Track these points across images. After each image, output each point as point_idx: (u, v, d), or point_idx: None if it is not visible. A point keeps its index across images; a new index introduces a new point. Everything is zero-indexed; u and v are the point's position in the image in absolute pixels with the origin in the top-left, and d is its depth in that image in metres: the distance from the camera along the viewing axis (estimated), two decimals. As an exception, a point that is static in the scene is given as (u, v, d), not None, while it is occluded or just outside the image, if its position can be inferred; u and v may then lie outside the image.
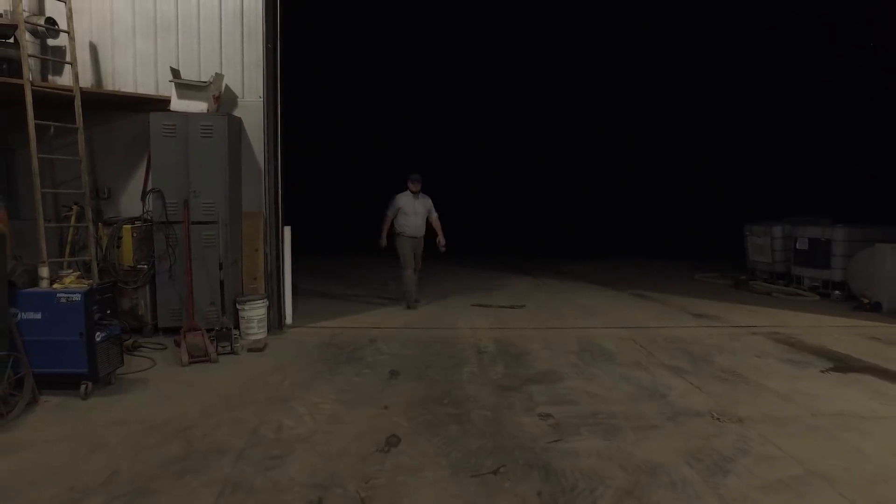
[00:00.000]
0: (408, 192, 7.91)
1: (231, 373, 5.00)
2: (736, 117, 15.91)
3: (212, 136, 5.79)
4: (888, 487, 3.07)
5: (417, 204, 7.88)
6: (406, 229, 7.83)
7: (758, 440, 3.65)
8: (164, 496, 2.93)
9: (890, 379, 4.93)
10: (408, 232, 7.82)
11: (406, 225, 7.82)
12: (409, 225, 7.82)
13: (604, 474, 3.19)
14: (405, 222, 7.82)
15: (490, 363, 5.36)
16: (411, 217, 7.82)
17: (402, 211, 7.81)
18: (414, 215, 7.82)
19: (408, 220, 7.81)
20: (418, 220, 7.88)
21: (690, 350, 5.84)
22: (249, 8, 6.21)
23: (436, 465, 3.29)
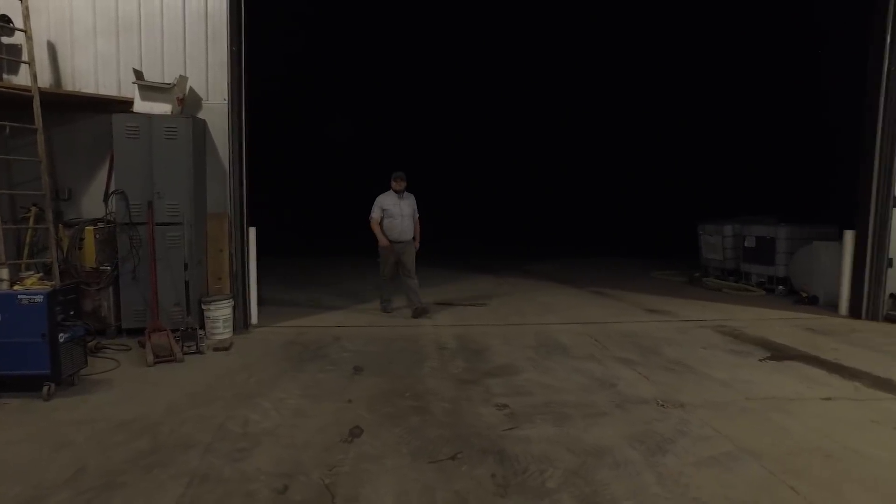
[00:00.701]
0: (391, 192, 7.29)
1: (197, 372, 5.07)
2: (693, 124, 16.52)
3: (176, 137, 5.83)
4: (804, 458, 3.39)
5: (403, 204, 7.27)
6: (392, 233, 7.22)
7: (696, 423, 3.95)
8: (132, 489, 3.04)
9: (818, 365, 5.33)
10: (394, 236, 7.22)
11: (392, 228, 7.21)
12: (395, 228, 7.21)
13: (553, 458, 3.42)
14: (390, 225, 7.20)
15: (451, 358, 5.56)
16: (397, 220, 7.20)
17: (388, 213, 7.19)
18: (400, 217, 7.21)
19: (393, 223, 7.20)
20: (405, 222, 7.27)
21: (641, 343, 6.16)
22: (214, 9, 6.27)
23: (396, 454, 3.47)
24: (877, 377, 4.98)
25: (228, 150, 6.29)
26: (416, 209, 7.46)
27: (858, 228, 7.49)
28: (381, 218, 7.23)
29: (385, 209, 7.21)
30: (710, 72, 15.03)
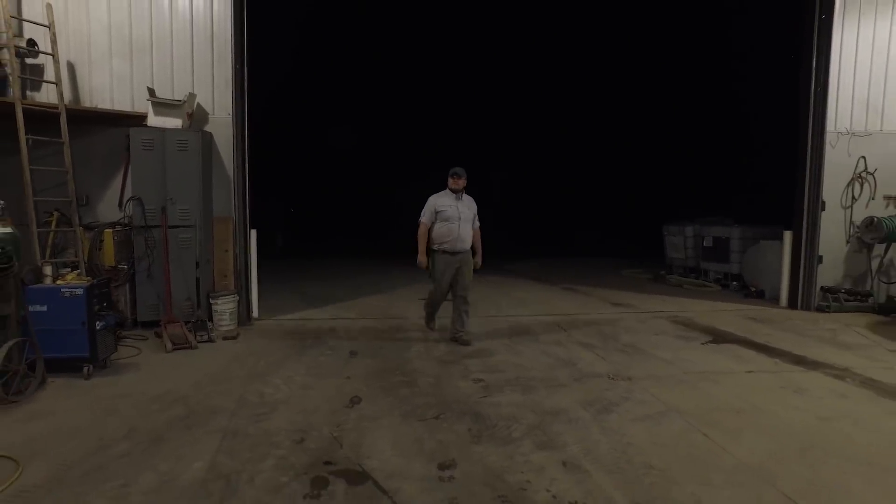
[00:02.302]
0: (447, 192, 6.16)
1: (211, 357, 5.77)
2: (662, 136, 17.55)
3: (187, 149, 6.52)
4: (719, 414, 4.22)
5: (462, 207, 6.10)
6: (446, 242, 6.03)
7: (639, 391, 4.76)
8: (177, 442, 3.75)
9: (750, 347, 6.21)
10: (448, 245, 6.03)
11: (447, 235, 6.02)
12: (451, 235, 6.01)
13: (519, 417, 4.20)
14: (446, 232, 6.02)
15: (434, 344, 6.33)
16: (455, 224, 6.01)
17: (442, 216, 6.03)
18: (458, 221, 6.02)
19: (450, 229, 6.02)
20: (464, 228, 6.07)
21: (603, 331, 6.99)
22: (219, 32, 6.96)
23: (390, 415, 4.23)
24: (794, 355, 5.88)
25: (232, 159, 6.99)
26: (477, 215, 6.34)
27: (794, 229, 8.43)
28: (432, 223, 6.09)
29: (440, 211, 6.04)
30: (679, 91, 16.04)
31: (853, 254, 8.31)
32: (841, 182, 8.23)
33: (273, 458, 3.51)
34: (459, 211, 6.07)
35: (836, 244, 8.31)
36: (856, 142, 8.13)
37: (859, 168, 8.17)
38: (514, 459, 3.52)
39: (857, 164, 8.16)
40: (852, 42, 7.94)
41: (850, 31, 7.91)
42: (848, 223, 8.27)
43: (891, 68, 8.02)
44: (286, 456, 3.53)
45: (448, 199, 6.13)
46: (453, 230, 6.03)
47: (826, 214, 8.22)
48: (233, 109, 6.92)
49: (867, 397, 4.66)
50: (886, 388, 4.84)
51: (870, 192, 8.22)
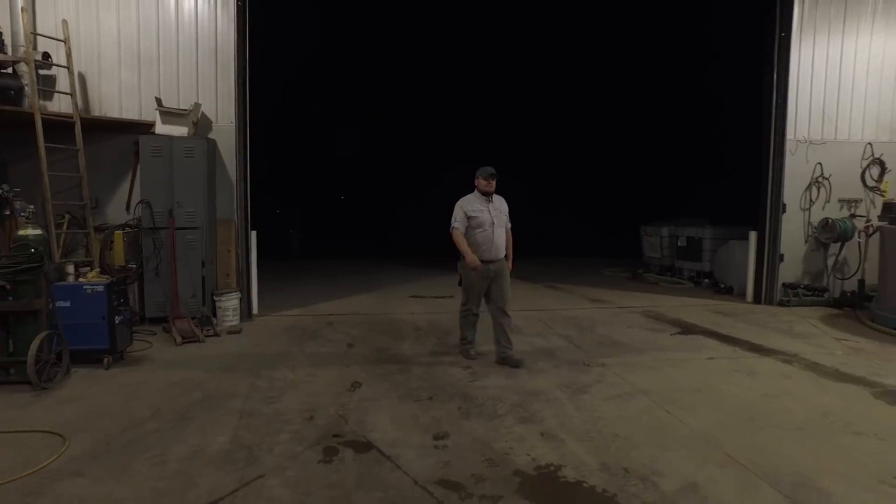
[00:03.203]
0: (476, 195, 5.63)
1: (219, 349, 6.23)
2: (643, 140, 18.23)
3: (193, 156, 6.96)
4: (680, 394, 4.79)
5: (494, 210, 5.58)
6: (481, 249, 5.50)
7: (610, 376, 5.32)
8: (201, 420, 4.22)
9: (714, 337, 6.82)
10: (484, 252, 5.50)
11: (481, 243, 5.50)
12: (485, 243, 5.50)
13: (503, 397, 4.74)
14: (480, 239, 5.50)
15: (425, 336, 6.85)
16: (488, 231, 5.50)
17: (474, 223, 5.50)
18: (492, 227, 5.51)
19: (484, 236, 5.49)
20: (498, 234, 5.57)
21: (580, 324, 7.55)
22: (222, 46, 7.40)
23: (388, 397, 4.74)
24: (752, 343, 6.49)
25: (235, 165, 7.44)
26: (508, 215, 5.79)
27: (759, 230, 9.08)
28: (465, 227, 5.56)
29: (472, 216, 5.50)
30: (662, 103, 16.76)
31: (811, 252, 8.98)
32: (800, 186, 8.89)
33: (287, 432, 4.00)
34: (492, 216, 5.53)
35: (796, 243, 8.96)
36: (813, 149, 8.79)
37: (816, 173, 8.83)
38: (499, 431, 4.05)
39: (814, 170, 8.82)
40: (809, 58, 8.60)
41: (806, 48, 8.58)
42: (806, 224, 8.93)
43: (843, 82, 8.70)
44: (299, 430, 4.03)
45: (478, 203, 5.57)
46: (488, 237, 5.48)
47: (787, 216, 8.87)
48: (235, 118, 7.38)
49: (808, 378, 5.27)
50: (826, 371, 5.46)
51: (826, 196, 8.89)
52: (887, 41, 8.74)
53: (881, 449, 3.76)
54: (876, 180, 8.89)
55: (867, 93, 8.78)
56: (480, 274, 5.57)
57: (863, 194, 8.93)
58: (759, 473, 3.40)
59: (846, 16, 8.63)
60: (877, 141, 8.86)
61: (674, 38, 14.73)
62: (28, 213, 5.11)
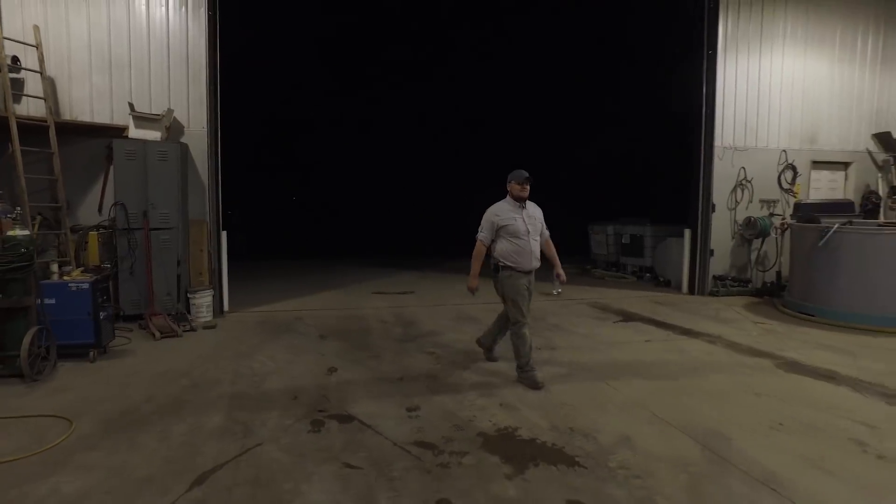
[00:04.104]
0: (509, 201, 5.25)
1: (197, 342, 6.60)
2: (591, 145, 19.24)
3: (167, 159, 7.27)
4: (619, 370, 5.52)
5: (528, 217, 5.20)
6: (520, 260, 5.11)
7: (559, 357, 6.01)
8: (195, 403, 4.64)
9: (651, 324, 7.64)
10: (523, 264, 5.12)
11: (519, 253, 5.10)
12: (523, 252, 5.11)
13: (465, 377, 5.34)
14: (516, 249, 5.10)
15: (391, 327, 7.39)
16: (524, 240, 5.11)
17: (508, 230, 5.10)
18: (528, 236, 5.13)
19: (521, 246, 5.10)
20: (535, 244, 5.20)
21: (534, 314, 8.12)
22: (194, 54, 7.72)
23: (364, 378, 5.27)
24: (683, 328, 7.33)
25: (207, 168, 7.78)
26: (544, 222, 5.42)
27: (692, 227, 10.02)
28: (491, 240, 5.21)
29: (504, 225, 5.11)
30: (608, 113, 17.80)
31: (737, 247, 9.99)
32: (727, 188, 9.88)
33: (276, 409, 4.48)
34: (527, 224, 5.15)
35: (724, 240, 9.96)
36: (738, 155, 9.80)
37: (740, 177, 9.84)
38: (464, 403, 4.65)
39: (738, 174, 9.83)
40: (733, 74, 9.60)
41: (731, 65, 9.57)
42: (733, 222, 9.94)
43: (761, 96, 9.76)
44: (286, 408, 4.52)
45: (512, 210, 5.17)
46: (524, 247, 5.10)
47: (716, 215, 9.85)
48: (207, 124, 7.71)
49: (727, 354, 6.11)
50: (742, 348, 6.33)
51: (749, 197, 9.91)
52: (795, 62, 9.88)
53: (773, 405, 4.58)
54: (790, 183, 9.99)
55: (781, 106, 9.87)
56: (523, 283, 5.21)
57: (779, 195, 10.01)
58: (679, 427, 4.13)
59: (762, 38, 9.69)
60: (790, 148, 9.96)
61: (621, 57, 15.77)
62: (16, 215, 5.37)
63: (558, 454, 3.73)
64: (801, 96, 9.94)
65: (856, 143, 10.30)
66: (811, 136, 10.15)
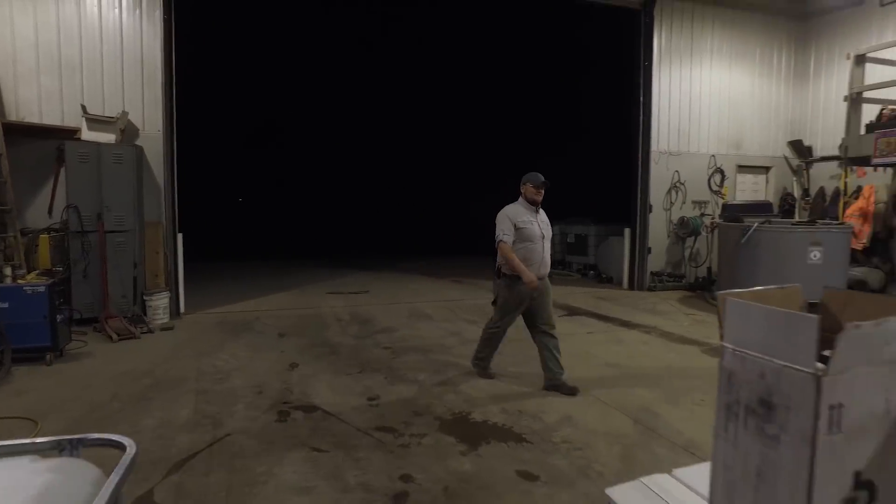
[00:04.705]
0: (523, 203, 5.14)
1: (156, 343, 6.67)
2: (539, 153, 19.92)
3: (122, 162, 7.29)
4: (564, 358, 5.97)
5: (541, 222, 5.13)
6: (529, 264, 4.95)
7: (507, 349, 6.34)
8: (160, 400, 4.79)
9: (593, 317, 8.19)
10: (533, 269, 4.96)
11: (529, 259, 4.96)
12: (534, 257, 4.99)
13: (421, 368, 5.69)
14: (528, 255, 4.98)
15: (348, 325, 7.66)
16: (537, 244, 5.02)
17: (523, 234, 4.98)
18: (541, 241, 5.05)
19: (533, 251, 4.99)
20: (547, 249, 5.13)
21: (483, 311, 8.59)
22: (148, 56, 7.75)
23: (324, 373, 5.54)
24: (622, 320, 7.91)
25: (163, 171, 7.82)
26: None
27: (631, 227, 10.70)
28: (513, 240, 4.99)
29: (520, 228, 4.98)
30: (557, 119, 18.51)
31: (672, 245, 10.73)
32: (663, 190, 10.60)
33: (242, 403, 4.70)
34: (541, 228, 5.08)
35: (660, 238, 10.67)
36: (672, 159, 10.53)
37: (675, 179, 10.58)
38: (421, 392, 5.00)
39: (673, 177, 10.57)
40: (667, 84, 10.33)
41: (665, 76, 10.29)
42: (668, 222, 10.67)
43: (693, 105, 10.54)
44: (252, 401, 4.75)
45: (526, 213, 5.06)
46: (537, 251, 4.99)
47: (653, 215, 10.55)
48: (163, 126, 7.76)
49: (661, 343, 6.70)
50: (674, 337, 6.95)
51: (682, 198, 10.67)
52: (721, 75, 10.73)
53: (698, 385, 5.14)
54: (718, 185, 10.81)
55: (710, 114, 10.68)
56: (527, 294, 5.03)
57: (709, 196, 10.82)
58: (615, 406, 4.61)
59: (692, 52, 10.47)
60: (718, 153, 10.79)
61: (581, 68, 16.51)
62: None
63: (508, 433, 4.13)
64: (727, 106, 10.78)
65: (774, 150, 11.24)
66: (736, 142, 11.01)
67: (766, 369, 1.04)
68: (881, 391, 1.01)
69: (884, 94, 8.50)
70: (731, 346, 1.14)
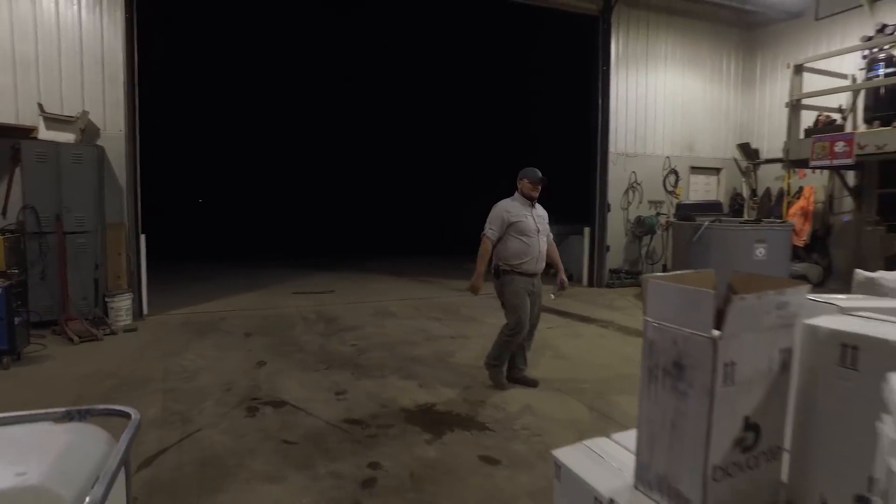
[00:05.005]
0: (519, 198, 5.07)
1: (120, 345, 6.63)
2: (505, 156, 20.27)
3: (82, 162, 7.19)
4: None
5: (537, 217, 5.06)
6: (525, 261, 4.93)
7: (472, 344, 6.64)
8: (125, 400, 4.80)
9: (554, 313, 8.42)
10: (528, 266, 4.95)
11: (525, 254, 4.91)
12: (530, 253, 4.92)
13: (386, 364, 5.84)
14: (523, 250, 4.90)
15: (314, 324, 7.74)
16: (534, 239, 4.93)
17: (518, 228, 4.89)
18: (537, 236, 4.97)
19: (529, 245, 4.91)
20: (543, 244, 5.05)
21: (447, 308, 8.87)
22: (110, 56, 7.64)
23: (292, 369, 5.63)
24: (582, 315, 8.23)
25: (125, 171, 7.74)
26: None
27: (591, 226, 11.06)
28: (498, 238, 4.99)
29: (514, 222, 4.89)
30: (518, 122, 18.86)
31: (630, 244, 11.14)
32: (620, 190, 11.00)
33: (211, 400, 4.77)
34: (537, 223, 4.99)
35: (618, 237, 11.07)
36: (629, 161, 10.94)
37: (632, 180, 11.00)
38: (386, 386, 5.15)
39: (630, 177, 10.98)
40: (624, 88, 10.74)
41: (622, 80, 10.70)
42: (626, 221, 11.07)
43: (648, 108, 10.99)
44: (221, 398, 4.81)
45: (522, 207, 4.98)
46: (533, 246, 4.91)
47: (611, 215, 10.94)
48: (125, 126, 7.68)
49: (618, 336, 7.02)
50: (630, 331, 7.27)
51: (639, 198, 11.10)
52: (675, 80, 11.21)
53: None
54: (673, 186, 11.28)
55: (665, 117, 11.14)
56: (525, 286, 5.05)
57: (664, 196, 11.27)
58: (572, 395, 4.86)
59: (648, 58, 10.91)
60: (672, 155, 11.26)
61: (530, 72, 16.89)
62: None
63: (471, 422, 4.33)
64: (680, 110, 11.26)
65: (725, 152, 11.79)
66: (690, 144, 11.51)
67: (678, 337, 1.26)
68: (765, 351, 1.24)
69: (820, 101, 9.06)
70: (652, 320, 1.35)
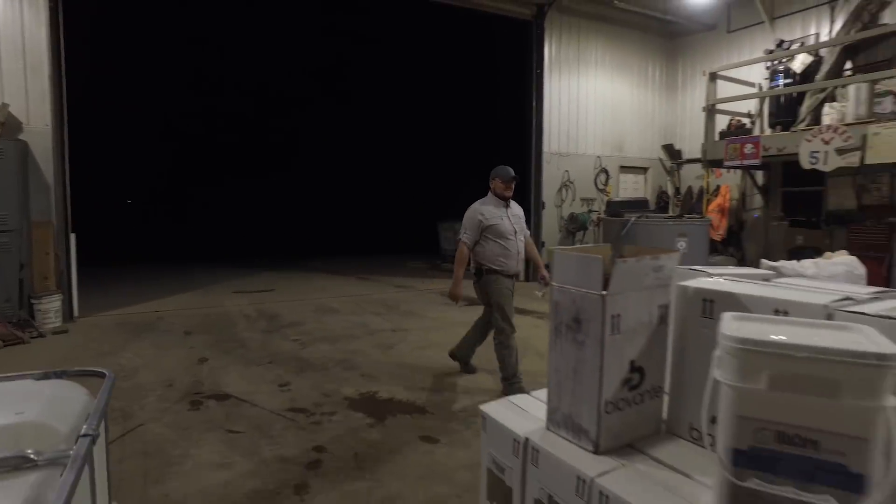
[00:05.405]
0: (492, 199, 4.97)
1: (49, 347, 6.43)
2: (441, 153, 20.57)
3: (3, 157, 6.91)
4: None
5: (513, 217, 4.99)
6: (507, 262, 4.93)
7: (412, 336, 6.86)
8: (61, 397, 4.74)
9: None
10: (509, 266, 4.96)
11: (504, 255, 4.90)
12: (509, 254, 4.92)
13: (329, 357, 5.97)
14: (501, 251, 4.87)
15: (255, 321, 7.75)
16: (511, 240, 4.90)
17: (495, 231, 4.83)
18: (514, 237, 4.93)
19: (507, 247, 4.88)
20: (520, 245, 5.01)
21: (388, 304, 9.04)
22: (32, 46, 7.34)
23: (235, 364, 5.68)
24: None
25: (52, 167, 7.48)
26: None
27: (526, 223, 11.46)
28: (474, 242, 4.92)
29: (490, 225, 4.82)
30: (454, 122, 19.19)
31: (563, 239, 11.65)
32: (554, 188, 11.49)
33: (152, 396, 4.77)
34: (513, 223, 4.93)
35: (553, 233, 11.56)
36: (562, 160, 11.45)
37: (565, 178, 11.52)
38: (329, 377, 5.29)
39: (563, 176, 11.49)
40: (557, 90, 11.24)
41: (555, 83, 11.19)
42: (559, 217, 11.58)
43: (580, 110, 11.56)
44: (163, 394, 4.82)
45: (496, 208, 4.90)
46: (511, 247, 4.88)
47: (546, 212, 11.41)
48: (51, 120, 7.42)
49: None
50: (562, 320, 7.67)
51: (572, 196, 11.64)
52: (605, 83, 11.84)
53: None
54: (603, 184, 11.89)
55: (595, 119, 11.74)
56: (507, 286, 5.05)
57: (596, 194, 11.87)
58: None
59: (579, 62, 11.47)
60: (603, 155, 11.87)
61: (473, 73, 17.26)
62: None
63: (412, 406, 4.55)
64: (610, 112, 11.89)
65: (651, 152, 12.54)
66: (619, 145, 12.16)
67: (577, 296, 1.52)
68: (645, 307, 1.53)
69: (733, 106, 9.82)
70: (557, 284, 1.61)
